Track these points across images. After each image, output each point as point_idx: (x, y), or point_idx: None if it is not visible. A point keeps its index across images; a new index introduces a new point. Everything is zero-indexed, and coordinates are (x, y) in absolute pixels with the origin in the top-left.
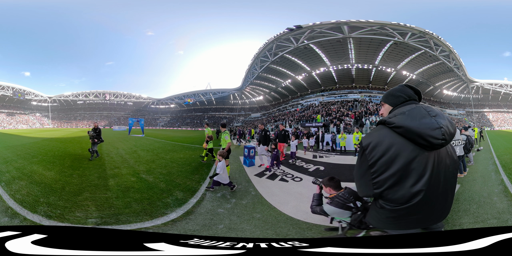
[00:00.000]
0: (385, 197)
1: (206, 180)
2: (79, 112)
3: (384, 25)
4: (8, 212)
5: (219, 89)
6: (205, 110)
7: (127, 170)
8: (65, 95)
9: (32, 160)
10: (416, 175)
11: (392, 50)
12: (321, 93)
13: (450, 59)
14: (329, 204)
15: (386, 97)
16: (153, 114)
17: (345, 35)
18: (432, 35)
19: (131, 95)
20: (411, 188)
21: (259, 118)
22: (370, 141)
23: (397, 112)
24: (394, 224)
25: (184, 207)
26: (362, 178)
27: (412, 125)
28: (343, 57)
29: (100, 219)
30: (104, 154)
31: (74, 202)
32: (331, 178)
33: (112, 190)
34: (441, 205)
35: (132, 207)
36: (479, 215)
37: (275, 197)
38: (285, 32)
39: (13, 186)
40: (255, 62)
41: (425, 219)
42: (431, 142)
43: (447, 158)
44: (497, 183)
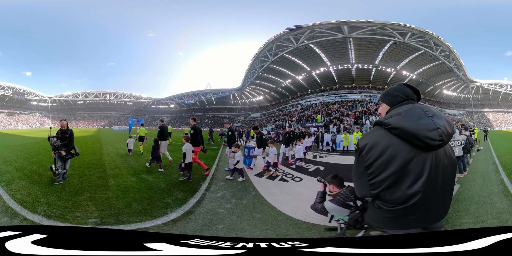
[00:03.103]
0: (382, 198)
1: (207, 180)
2: (79, 112)
3: (384, 25)
4: (8, 212)
5: (219, 89)
6: (205, 110)
7: (127, 170)
8: (65, 95)
9: (32, 160)
10: (414, 176)
11: (392, 50)
12: (321, 93)
13: (450, 59)
14: (330, 202)
15: (383, 96)
16: (153, 114)
17: (345, 35)
18: (432, 35)
19: (131, 95)
20: (408, 190)
21: (259, 118)
22: (367, 143)
23: (393, 113)
24: (392, 224)
25: (184, 207)
26: (359, 179)
27: (409, 126)
28: (343, 57)
29: (100, 219)
30: (104, 154)
31: (74, 202)
32: (334, 176)
33: (112, 190)
34: (439, 206)
35: (132, 207)
36: (479, 215)
37: (275, 197)
38: (285, 32)
39: (13, 186)
40: (255, 62)
41: (423, 219)
42: (428, 143)
43: (445, 158)
44: (497, 183)
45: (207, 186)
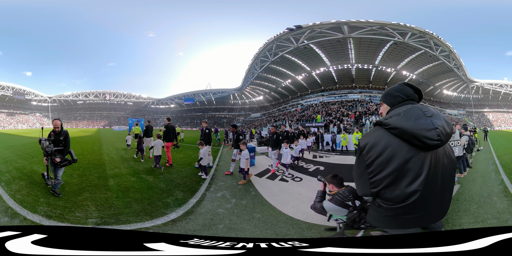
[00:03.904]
0: (382, 196)
1: (207, 180)
2: (79, 112)
3: (384, 25)
4: (8, 212)
5: (219, 89)
6: (205, 110)
7: (127, 170)
8: (65, 95)
9: (32, 160)
10: (412, 175)
11: (392, 50)
12: (321, 93)
13: (450, 59)
14: (328, 201)
15: (384, 96)
16: (153, 114)
17: (345, 35)
18: (432, 35)
19: (131, 95)
20: (406, 188)
21: (259, 118)
22: (367, 142)
23: (393, 113)
24: (391, 223)
25: (184, 207)
26: (360, 178)
27: (407, 126)
28: (343, 57)
29: (100, 219)
30: (104, 154)
31: (74, 202)
32: (334, 175)
33: (112, 190)
34: (439, 205)
35: (132, 207)
36: (479, 215)
37: (275, 197)
38: (285, 32)
39: (13, 186)
40: (255, 62)
41: (423, 218)
42: (426, 143)
43: (445, 158)
44: (497, 183)
45: (207, 186)
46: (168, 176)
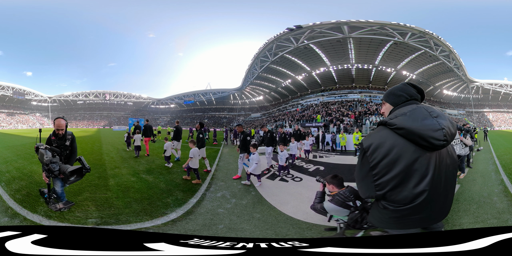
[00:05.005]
0: (388, 198)
1: (207, 180)
2: (79, 112)
3: (384, 25)
4: (8, 212)
5: (219, 89)
6: (205, 110)
7: (127, 170)
8: (65, 95)
9: (32, 160)
10: (419, 176)
11: (392, 50)
12: (321, 93)
13: (450, 59)
14: (329, 202)
15: (387, 96)
16: (153, 114)
17: (345, 35)
18: (432, 35)
19: (131, 95)
20: (414, 189)
21: (259, 118)
22: (371, 143)
23: (398, 113)
24: (396, 224)
25: (184, 207)
26: (364, 180)
27: (414, 126)
28: (343, 57)
29: (100, 219)
30: (104, 154)
31: (74, 202)
32: (334, 175)
33: (112, 190)
34: (442, 204)
35: (132, 207)
36: (479, 215)
37: (275, 197)
38: (285, 32)
39: (13, 186)
40: (255, 62)
41: (427, 218)
42: (433, 143)
43: (448, 157)
44: (497, 183)
45: (207, 186)
46: (168, 176)
